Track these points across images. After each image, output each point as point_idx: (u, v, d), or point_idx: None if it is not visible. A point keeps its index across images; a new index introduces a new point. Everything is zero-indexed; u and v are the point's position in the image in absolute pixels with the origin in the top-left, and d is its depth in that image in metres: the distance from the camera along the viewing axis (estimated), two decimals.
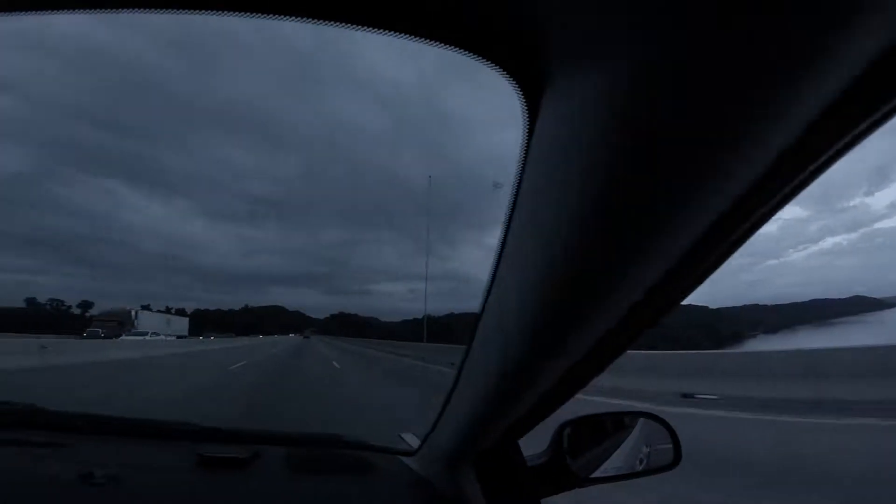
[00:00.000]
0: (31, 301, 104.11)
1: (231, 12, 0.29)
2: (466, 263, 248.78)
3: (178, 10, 0.30)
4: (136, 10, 0.30)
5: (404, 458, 1.04)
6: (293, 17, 0.29)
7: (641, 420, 0.93)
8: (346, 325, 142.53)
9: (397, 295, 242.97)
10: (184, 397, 6.31)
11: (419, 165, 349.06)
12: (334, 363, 13.60)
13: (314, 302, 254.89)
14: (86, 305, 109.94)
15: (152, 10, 0.30)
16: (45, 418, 1.14)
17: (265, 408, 5.48)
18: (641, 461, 0.88)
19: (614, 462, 0.88)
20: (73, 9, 0.31)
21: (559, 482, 0.79)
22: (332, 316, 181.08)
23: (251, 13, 0.30)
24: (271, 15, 0.29)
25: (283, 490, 0.85)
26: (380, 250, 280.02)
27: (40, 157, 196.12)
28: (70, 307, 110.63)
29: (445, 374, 10.49)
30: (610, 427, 0.94)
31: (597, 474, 0.83)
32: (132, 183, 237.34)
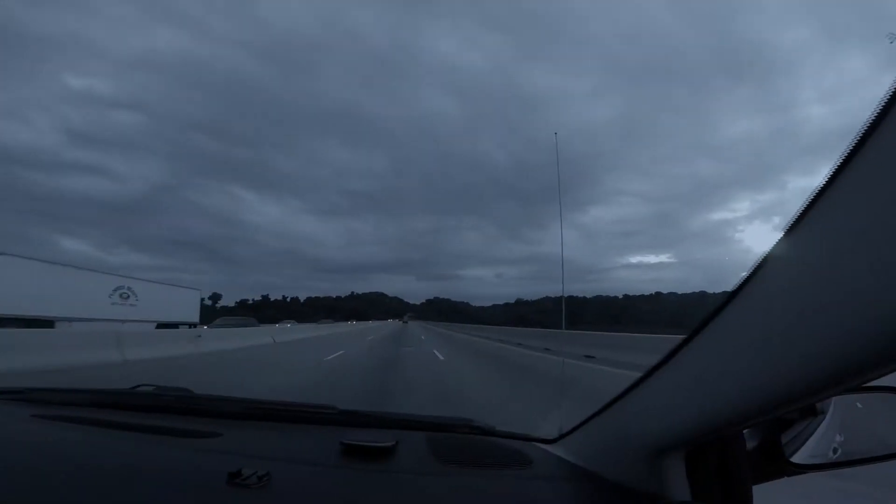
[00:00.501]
0: None
1: None
2: (556, 246, 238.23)
3: None
4: None
5: (546, 446, 1.01)
6: None
7: (834, 401, 0.86)
8: (441, 311, 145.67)
9: (485, 280, 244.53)
10: None
11: (502, 149, 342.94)
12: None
13: (410, 288, 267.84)
14: (215, 297, 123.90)
15: None
16: (198, 404, 1.16)
17: None
18: (835, 450, 0.83)
19: (806, 451, 0.84)
20: None
21: (771, 469, 0.76)
22: (428, 301, 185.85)
23: None
24: None
25: (432, 483, 0.81)
26: (467, 236, 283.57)
27: (173, 167, 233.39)
28: (203, 299, 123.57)
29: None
30: (797, 413, 0.87)
31: (808, 461, 0.80)
32: (251, 187, 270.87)
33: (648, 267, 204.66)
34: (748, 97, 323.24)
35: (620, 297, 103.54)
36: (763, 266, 0.46)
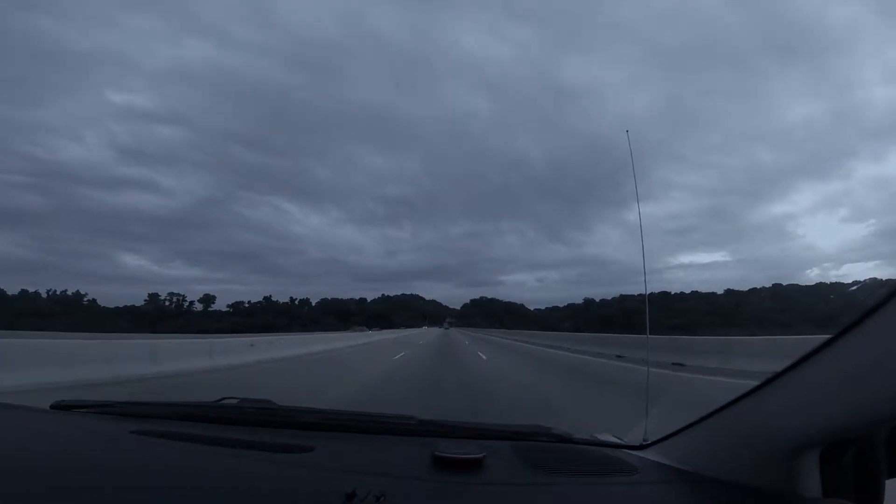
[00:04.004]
0: (152, 296, 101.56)
1: None
2: (602, 246, 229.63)
3: None
4: None
5: (638, 453, 1.05)
6: None
7: None
8: (488, 313, 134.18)
9: (526, 285, 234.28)
10: None
11: (537, 147, 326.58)
12: None
13: (449, 294, 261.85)
14: (207, 300, 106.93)
15: None
16: (282, 416, 1.28)
17: None
18: None
19: None
20: None
21: None
22: (473, 302, 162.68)
23: None
24: None
25: (533, 492, 0.85)
26: (506, 239, 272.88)
27: (217, 180, 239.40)
28: (192, 302, 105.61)
29: None
30: None
31: None
32: (292, 198, 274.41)
33: (702, 266, 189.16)
34: (803, 79, 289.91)
35: (721, 292, 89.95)
36: None
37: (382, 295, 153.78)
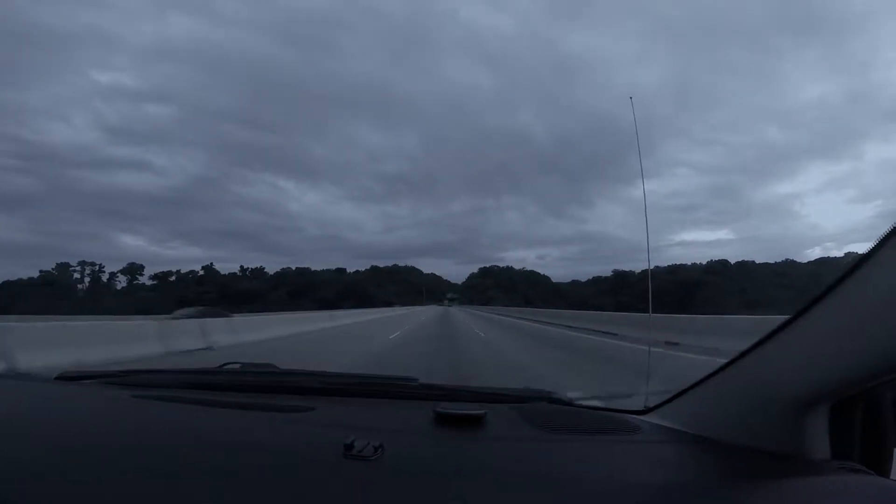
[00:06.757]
0: (61, 266, 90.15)
1: None
2: (605, 223, 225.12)
3: None
4: None
5: (639, 416, 1.06)
6: None
7: None
8: (501, 287, 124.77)
9: (527, 261, 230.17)
10: None
11: (540, 122, 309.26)
12: None
13: (449, 270, 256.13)
14: (133, 270, 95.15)
15: None
16: (285, 379, 1.36)
17: None
18: None
19: None
20: None
21: None
22: (482, 271, 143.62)
23: None
24: None
25: (537, 447, 0.87)
26: (507, 216, 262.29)
27: (211, 159, 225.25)
28: (114, 273, 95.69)
29: None
30: None
31: None
32: (289, 175, 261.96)
33: (705, 244, 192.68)
34: (819, 58, 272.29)
35: (781, 260, 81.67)
36: None
37: (372, 266, 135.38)
